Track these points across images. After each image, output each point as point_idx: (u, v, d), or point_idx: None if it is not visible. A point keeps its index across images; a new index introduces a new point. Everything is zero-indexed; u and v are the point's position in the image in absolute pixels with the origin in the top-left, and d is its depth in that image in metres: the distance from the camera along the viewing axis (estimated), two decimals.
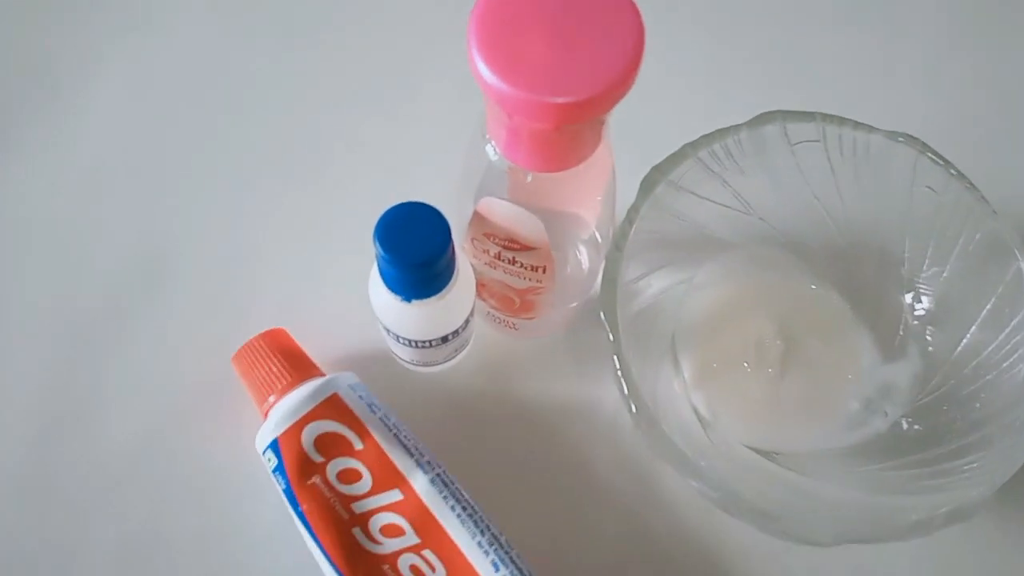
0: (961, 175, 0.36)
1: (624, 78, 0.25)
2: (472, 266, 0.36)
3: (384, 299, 0.34)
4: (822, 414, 0.40)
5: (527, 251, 0.33)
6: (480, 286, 0.37)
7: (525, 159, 0.29)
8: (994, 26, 0.52)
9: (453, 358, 0.40)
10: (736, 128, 0.37)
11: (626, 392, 0.33)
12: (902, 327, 0.40)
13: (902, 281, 0.40)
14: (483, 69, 0.25)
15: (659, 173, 0.36)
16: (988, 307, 0.37)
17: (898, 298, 0.40)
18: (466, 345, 0.40)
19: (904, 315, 0.40)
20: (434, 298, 0.33)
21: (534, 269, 0.35)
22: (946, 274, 0.38)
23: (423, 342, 0.36)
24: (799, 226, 0.41)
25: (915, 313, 0.40)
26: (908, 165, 0.37)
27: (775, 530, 0.33)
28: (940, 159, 0.36)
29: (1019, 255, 0.35)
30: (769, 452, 0.38)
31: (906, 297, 0.40)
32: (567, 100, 0.25)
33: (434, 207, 0.31)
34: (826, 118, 0.37)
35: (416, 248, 0.30)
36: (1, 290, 0.44)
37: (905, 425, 0.38)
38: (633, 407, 0.33)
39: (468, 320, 0.37)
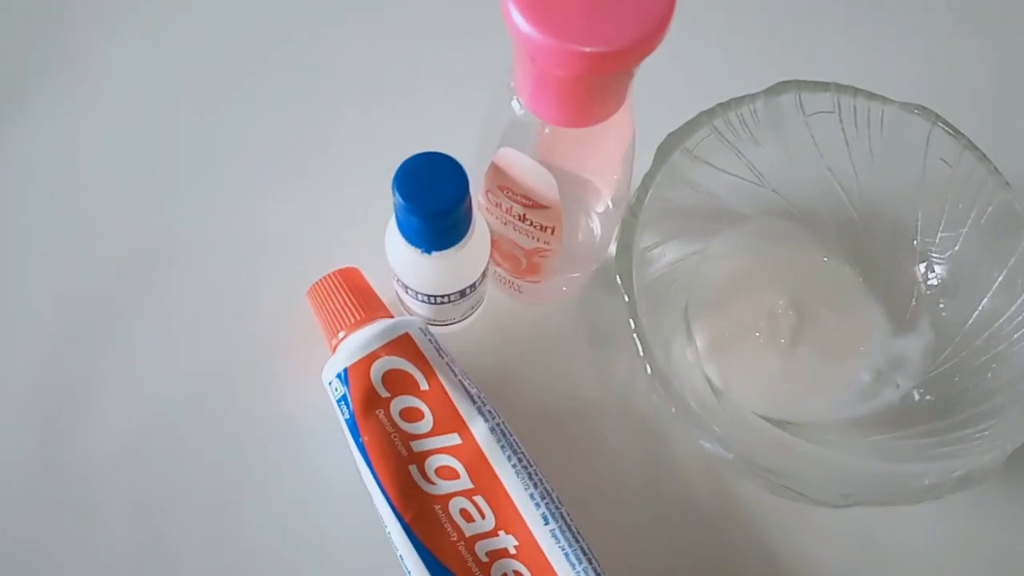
0: (974, 147, 0.37)
1: (653, 33, 0.26)
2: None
3: (403, 254, 0.34)
4: (834, 385, 0.40)
5: (538, 209, 0.34)
6: (491, 243, 0.38)
7: (549, 112, 0.29)
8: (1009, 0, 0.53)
9: (469, 316, 0.40)
10: (752, 97, 0.37)
11: (641, 353, 0.34)
12: (914, 299, 0.40)
13: (914, 253, 0.40)
14: (516, 16, 0.25)
15: (675, 140, 0.37)
16: (1000, 278, 0.37)
17: (910, 270, 0.40)
18: (481, 303, 0.40)
19: (916, 287, 0.40)
20: (452, 249, 0.33)
21: (543, 229, 0.35)
22: (958, 246, 0.39)
23: (441, 297, 0.36)
24: (812, 198, 0.41)
25: (927, 284, 0.40)
26: (922, 137, 0.37)
27: (786, 491, 0.33)
28: (954, 131, 0.37)
29: None
30: (781, 421, 0.39)
31: (918, 269, 0.40)
32: (596, 49, 0.25)
33: (452, 157, 0.31)
34: (841, 88, 0.37)
35: (435, 197, 0.30)
36: (51, 236, 0.45)
37: (917, 396, 0.39)
38: (648, 368, 0.34)
39: (484, 274, 0.37)
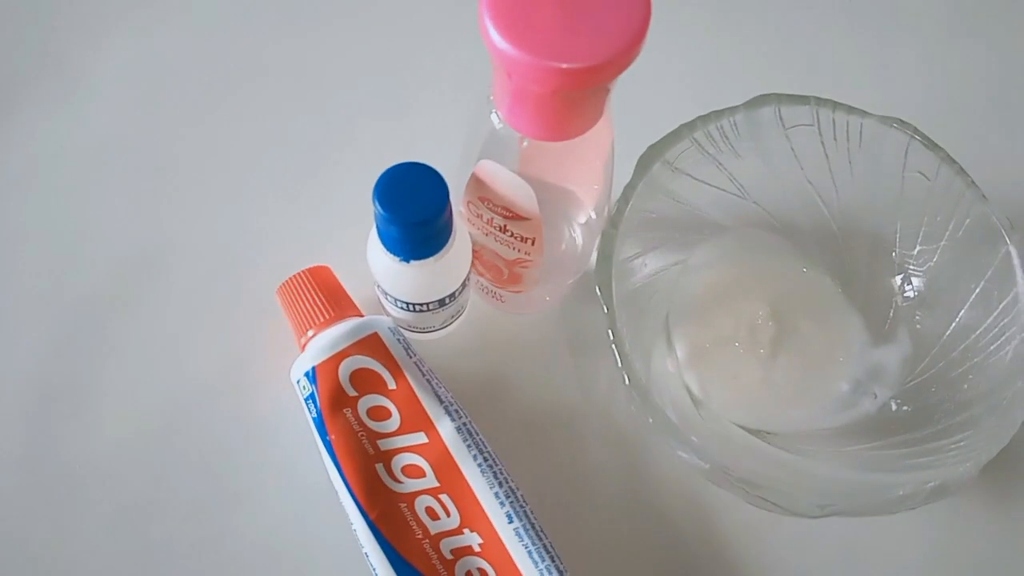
0: (952, 160, 0.37)
1: (628, 50, 0.26)
2: None
3: (382, 262, 0.34)
4: (812, 395, 0.41)
5: (519, 220, 0.34)
6: (472, 253, 0.38)
7: (527, 126, 0.29)
8: (988, 14, 0.53)
9: (449, 324, 0.40)
10: (732, 110, 0.38)
11: (620, 364, 0.34)
12: (892, 310, 0.41)
13: (893, 265, 0.40)
14: (492, 32, 0.25)
15: (655, 152, 0.37)
16: (977, 290, 0.37)
17: (889, 282, 0.41)
18: (462, 312, 0.40)
19: (894, 298, 0.41)
20: (431, 259, 0.33)
21: (523, 240, 0.35)
22: (936, 258, 0.39)
23: (420, 305, 0.36)
24: (792, 210, 0.41)
25: (905, 296, 0.40)
26: (900, 150, 0.38)
27: (763, 502, 0.33)
28: (931, 144, 0.37)
29: (1008, 239, 0.36)
30: (760, 431, 0.39)
31: (896, 281, 0.41)
32: (571, 66, 0.25)
33: (433, 167, 0.31)
34: (820, 102, 0.38)
35: (415, 207, 0.31)
36: (44, 237, 0.45)
37: (894, 406, 0.39)
38: (627, 379, 0.34)
39: (465, 284, 0.37)
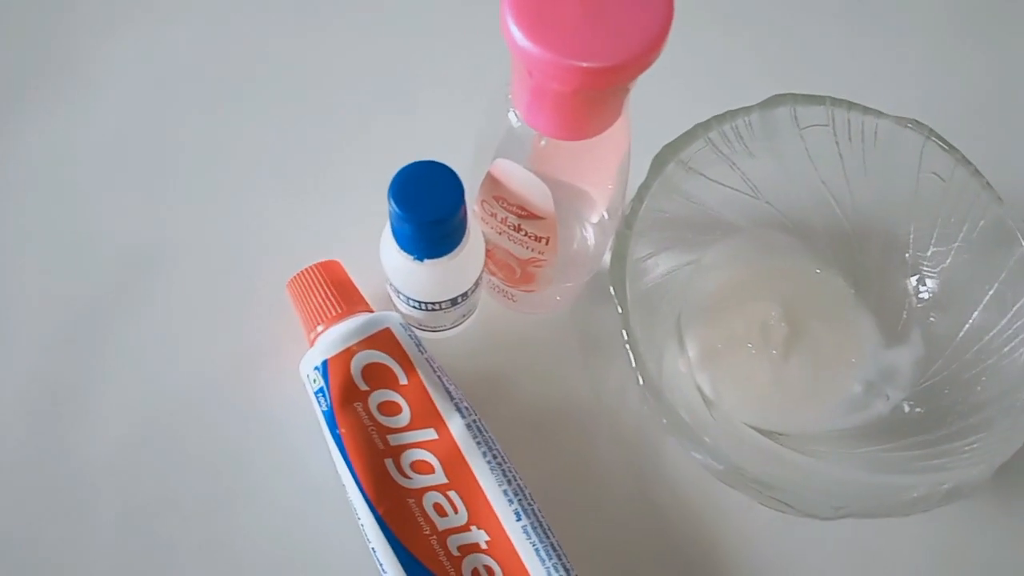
0: (967, 161, 0.37)
1: (650, 48, 0.26)
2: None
3: (396, 260, 0.34)
4: (825, 397, 0.41)
5: (533, 219, 0.34)
6: (485, 252, 0.38)
7: (545, 125, 0.29)
8: (1003, 15, 0.53)
9: (460, 324, 0.40)
10: (747, 110, 0.37)
11: (634, 364, 0.34)
12: (905, 312, 0.40)
13: (906, 266, 0.40)
14: (514, 30, 0.25)
15: (670, 151, 0.37)
16: (991, 292, 0.37)
17: (902, 283, 0.41)
18: (473, 311, 0.40)
19: (907, 300, 0.40)
20: (445, 258, 0.33)
21: (537, 239, 0.35)
22: (950, 259, 0.39)
23: (432, 304, 0.36)
24: (806, 211, 0.41)
25: (919, 298, 0.40)
26: (915, 151, 0.38)
27: (776, 503, 0.33)
28: (947, 145, 0.37)
29: (1023, 241, 0.36)
30: (772, 432, 0.39)
31: (910, 282, 0.41)
32: (593, 65, 0.25)
33: (448, 166, 0.31)
34: (835, 102, 0.38)
35: (430, 205, 0.30)
36: (52, 235, 0.45)
37: (907, 408, 0.39)
38: (640, 379, 0.34)
39: (477, 283, 0.37)
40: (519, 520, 0.35)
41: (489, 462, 0.36)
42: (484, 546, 0.35)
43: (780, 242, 0.42)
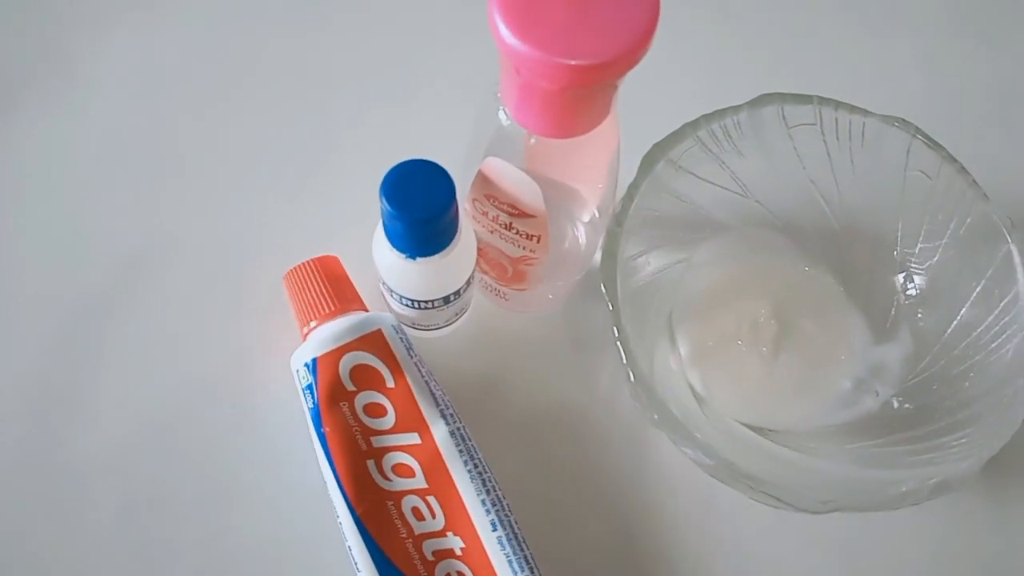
0: (953, 159, 0.37)
1: (637, 46, 0.26)
2: None
3: (388, 258, 0.34)
4: (814, 393, 0.41)
5: (524, 218, 0.34)
6: (477, 251, 0.38)
7: (535, 123, 0.29)
8: (989, 14, 0.54)
9: (453, 322, 0.40)
10: (735, 109, 0.38)
11: (625, 361, 0.34)
12: (894, 309, 0.41)
13: (894, 263, 0.41)
14: (501, 27, 0.25)
15: (659, 150, 0.37)
16: (978, 289, 0.38)
17: (890, 280, 0.41)
18: (466, 309, 0.41)
19: (896, 297, 0.41)
20: (437, 256, 0.33)
21: (529, 237, 0.35)
22: (938, 256, 0.39)
23: (424, 302, 0.37)
24: (794, 209, 0.42)
25: (907, 294, 0.41)
26: (902, 149, 0.38)
27: (767, 498, 0.33)
28: (933, 143, 0.37)
29: (1009, 237, 0.36)
30: (762, 429, 0.39)
31: (898, 279, 0.41)
32: (580, 62, 0.26)
33: (439, 164, 0.31)
34: (823, 101, 0.38)
35: (421, 204, 0.31)
36: (47, 232, 0.45)
37: (896, 404, 0.39)
38: (631, 376, 0.34)
39: (469, 281, 0.37)
40: (495, 530, 0.35)
41: (470, 471, 0.36)
42: (459, 552, 0.35)
43: (769, 240, 0.42)
